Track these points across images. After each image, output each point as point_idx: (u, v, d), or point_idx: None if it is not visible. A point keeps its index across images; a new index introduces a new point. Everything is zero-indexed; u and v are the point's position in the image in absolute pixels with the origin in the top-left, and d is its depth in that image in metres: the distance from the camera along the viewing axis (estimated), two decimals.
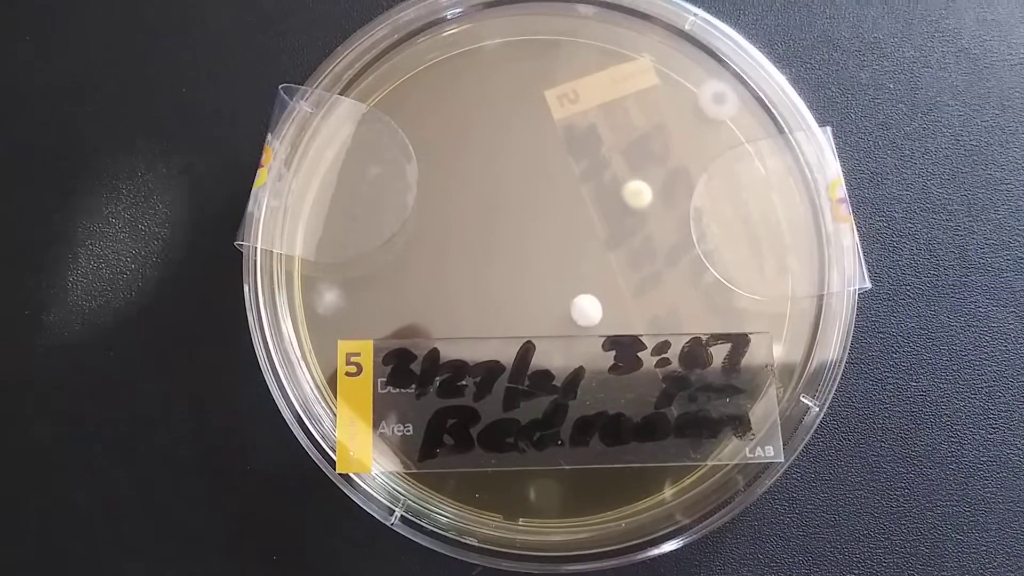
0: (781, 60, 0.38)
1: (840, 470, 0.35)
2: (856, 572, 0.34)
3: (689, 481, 0.34)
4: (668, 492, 0.34)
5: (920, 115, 0.39)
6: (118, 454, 0.35)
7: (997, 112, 0.39)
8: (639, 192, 0.37)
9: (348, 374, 0.33)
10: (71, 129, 0.38)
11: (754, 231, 0.36)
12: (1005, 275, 0.37)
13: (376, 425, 0.33)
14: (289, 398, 0.33)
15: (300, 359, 0.34)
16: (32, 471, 0.35)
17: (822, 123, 0.36)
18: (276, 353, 0.34)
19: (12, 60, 0.39)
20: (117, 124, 0.38)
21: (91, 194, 0.37)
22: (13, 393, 0.36)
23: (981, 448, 0.36)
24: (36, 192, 0.37)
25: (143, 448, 0.35)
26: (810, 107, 0.36)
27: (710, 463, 0.34)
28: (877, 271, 0.37)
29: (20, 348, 0.36)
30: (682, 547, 0.33)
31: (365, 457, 0.33)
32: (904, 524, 0.35)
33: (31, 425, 0.35)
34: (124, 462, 0.35)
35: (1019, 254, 0.37)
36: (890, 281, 0.37)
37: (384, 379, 0.33)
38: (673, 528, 0.33)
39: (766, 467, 0.33)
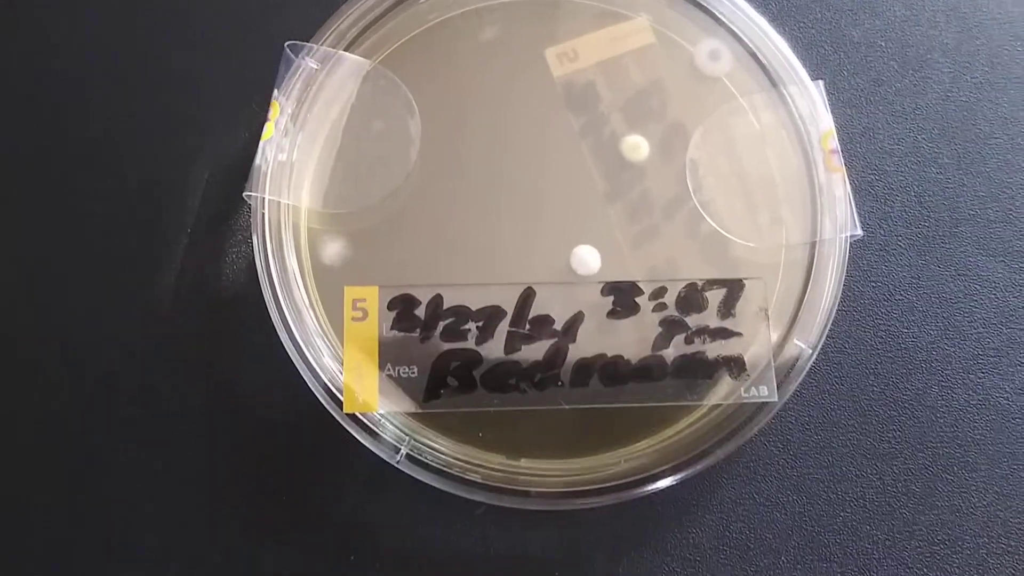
0: (775, 19, 0.39)
1: (833, 413, 0.36)
2: (849, 511, 0.35)
3: (686, 421, 0.34)
4: (665, 431, 0.34)
5: (911, 72, 0.40)
6: (128, 399, 0.36)
7: (986, 69, 0.40)
8: (637, 146, 0.37)
9: (354, 319, 0.34)
10: (77, 82, 0.39)
11: (749, 182, 0.37)
12: (994, 226, 0.38)
13: (382, 367, 0.34)
14: (297, 342, 0.34)
15: (308, 306, 0.35)
16: (42, 421, 0.36)
17: (815, 79, 0.37)
18: (284, 299, 0.34)
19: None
20: (124, 80, 0.39)
21: (100, 151, 0.38)
22: (19, 347, 0.36)
23: (971, 392, 0.36)
24: (51, 143, 0.38)
25: (154, 394, 0.36)
26: (803, 65, 0.37)
27: (706, 403, 0.34)
28: (869, 223, 0.38)
29: (23, 299, 0.37)
30: (679, 484, 0.33)
31: (371, 397, 0.33)
32: (895, 465, 0.36)
33: (37, 377, 0.36)
34: (134, 407, 0.36)
35: (1008, 206, 0.38)
36: (882, 232, 0.38)
37: (389, 324, 0.34)
38: (670, 466, 0.33)
39: (761, 407, 0.34)
